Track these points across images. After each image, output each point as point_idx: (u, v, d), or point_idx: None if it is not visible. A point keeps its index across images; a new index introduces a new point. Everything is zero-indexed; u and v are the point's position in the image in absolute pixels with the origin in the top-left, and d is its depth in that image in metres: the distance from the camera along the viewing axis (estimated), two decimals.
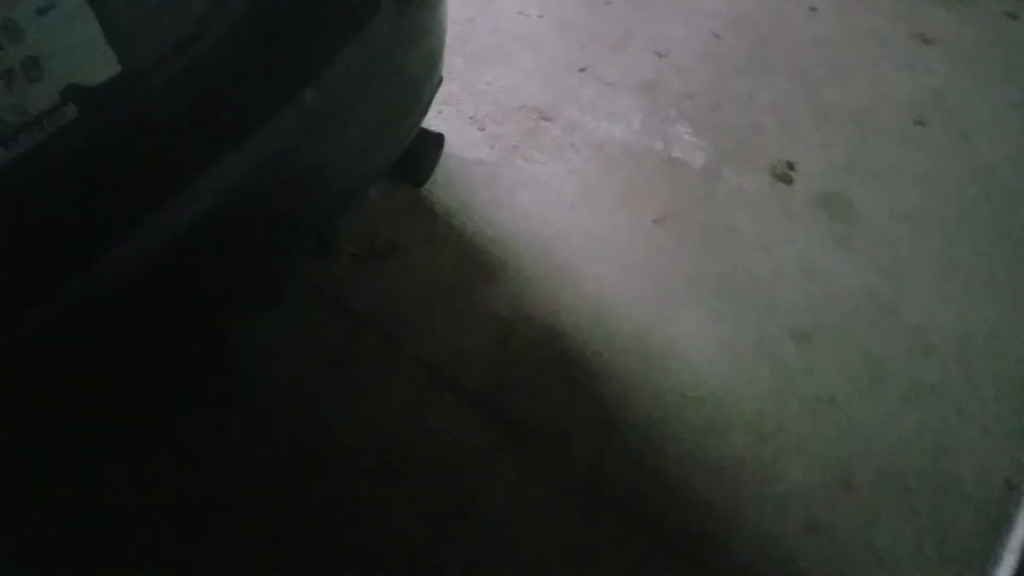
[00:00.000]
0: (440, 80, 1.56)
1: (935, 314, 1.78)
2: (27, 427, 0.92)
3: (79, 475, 1.37)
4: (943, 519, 1.48)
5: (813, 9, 2.59)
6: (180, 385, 1.46)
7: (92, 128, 0.84)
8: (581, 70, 2.29)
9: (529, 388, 1.60)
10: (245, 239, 1.14)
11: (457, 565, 1.35)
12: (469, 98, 2.18)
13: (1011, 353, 1.72)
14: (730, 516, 1.46)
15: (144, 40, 0.89)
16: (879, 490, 1.52)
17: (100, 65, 0.82)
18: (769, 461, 1.54)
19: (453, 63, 2.27)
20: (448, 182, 1.97)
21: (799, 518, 1.47)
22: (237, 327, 1.56)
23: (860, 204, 2.00)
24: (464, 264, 1.80)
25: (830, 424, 1.60)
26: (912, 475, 1.54)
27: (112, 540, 1.35)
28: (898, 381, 1.67)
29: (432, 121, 2.10)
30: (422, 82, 1.41)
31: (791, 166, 2.07)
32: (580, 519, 1.42)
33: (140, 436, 1.27)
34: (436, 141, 1.58)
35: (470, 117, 2.13)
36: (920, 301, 1.81)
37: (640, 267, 1.84)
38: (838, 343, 1.73)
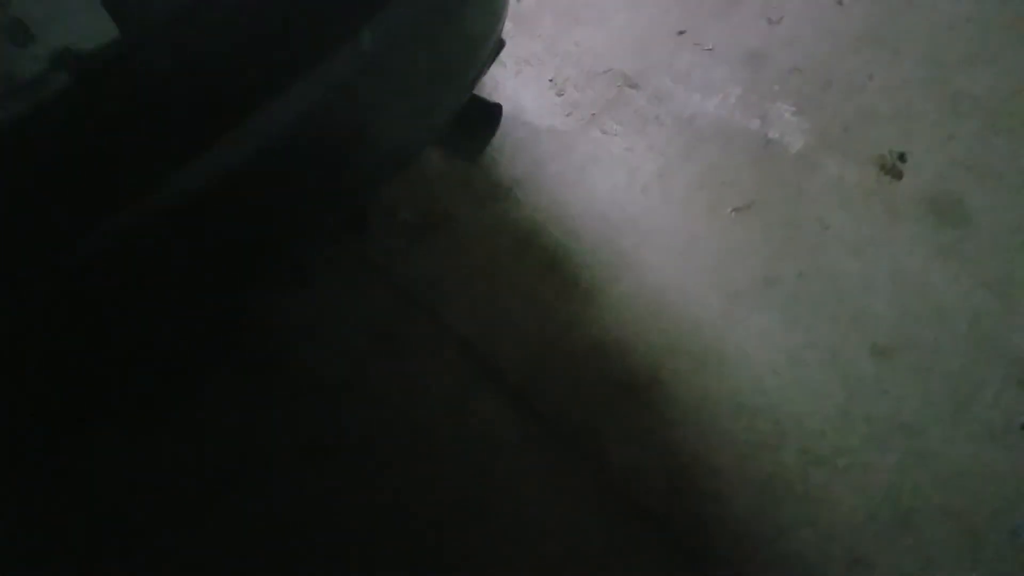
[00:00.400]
0: (501, 43, 1.46)
1: None
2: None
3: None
4: (1008, 572, 1.33)
5: None
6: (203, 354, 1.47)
7: (88, 97, 0.82)
8: (680, 33, 2.12)
9: (571, 383, 1.53)
10: (282, 202, 1.11)
11: (467, 556, 1.33)
12: (552, 59, 2.07)
13: None
14: (768, 540, 1.37)
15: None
16: (941, 533, 1.38)
17: (94, 29, 0.79)
18: (821, 485, 1.42)
19: (541, 20, 2.15)
20: (516, 151, 1.89)
21: (844, 550, 1.37)
22: (262, 304, 1.57)
23: (975, 209, 1.77)
24: (521, 244, 1.73)
25: (898, 453, 1.45)
26: (983, 521, 1.39)
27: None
28: (987, 416, 1.50)
29: (509, 82, 2.02)
30: (479, 40, 1.32)
31: (903, 158, 1.85)
32: (606, 525, 1.37)
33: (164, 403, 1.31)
34: (492, 113, 1.49)
35: (550, 80, 2.02)
36: None
37: (712, 261, 1.71)
38: (924, 365, 1.56)
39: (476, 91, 1.92)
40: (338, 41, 1.02)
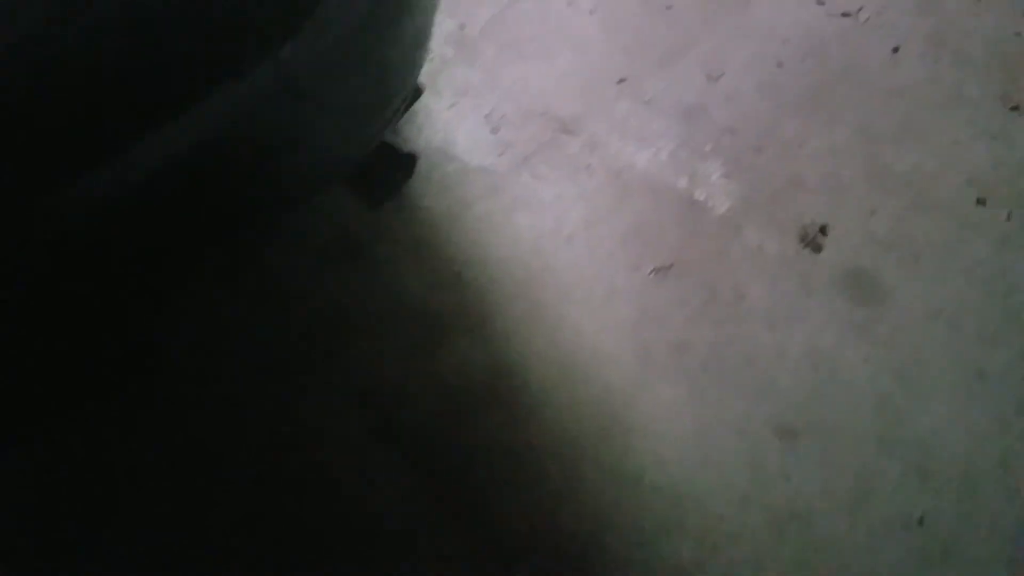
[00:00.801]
0: (418, 92, 1.39)
1: (944, 437, 1.59)
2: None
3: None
4: None
5: (896, 50, 2.31)
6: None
7: None
8: (620, 81, 2.08)
9: (465, 445, 1.47)
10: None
11: None
12: (490, 93, 2.01)
13: (1018, 498, 1.53)
14: None
15: None
16: None
17: None
18: None
19: (483, 50, 2.09)
20: (442, 187, 1.82)
21: None
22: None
23: (892, 288, 1.78)
24: (433, 285, 1.66)
25: (795, 543, 1.44)
26: None
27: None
28: (885, 505, 1.50)
29: (443, 113, 1.95)
30: (389, 88, 1.25)
31: (824, 231, 1.85)
32: None
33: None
34: (403, 163, 1.41)
35: (485, 115, 1.96)
36: (932, 417, 1.61)
37: (627, 322, 1.67)
38: (828, 448, 1.55)
39: (404, 123, 1.85)
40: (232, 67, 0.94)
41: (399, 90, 1.25)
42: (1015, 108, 2.21)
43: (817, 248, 1.83)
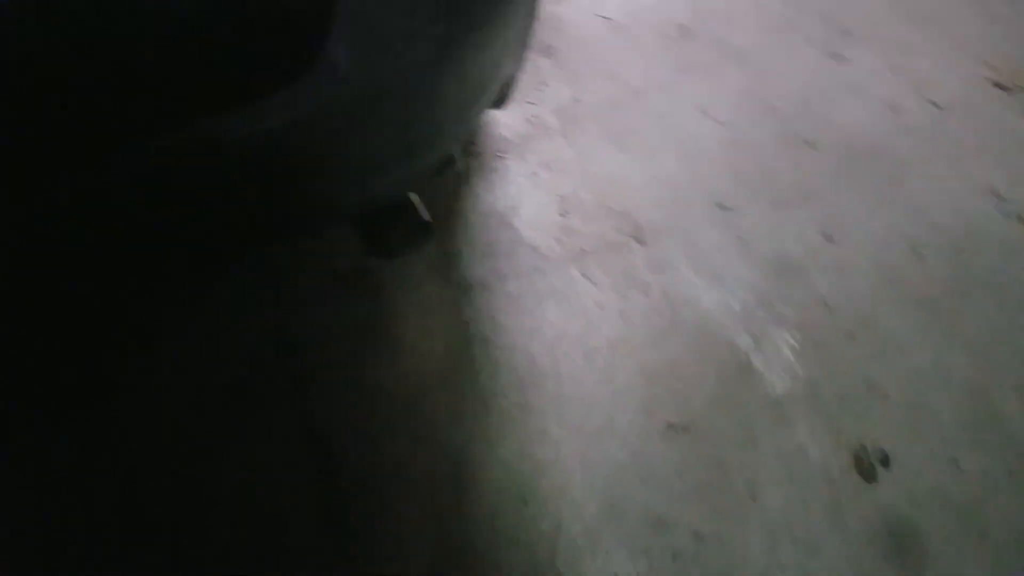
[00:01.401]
0: (451, 160, 1.26)
1: None
2: None
3: None
4: None
5: None
6: None
7: None
8: (720, 206, 1.87)
9: (396, 540, 1.30)
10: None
11: None
12: (575, 174, 1.85)
13: None
14: None
15: None
16: None
17: None
18: None
19: (586, 129, 1.94)
20: (486, 251, 1.68)
21: None
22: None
23: (935, 557, 1.44)
24: (429, 342, 1.52)
25: None
26: None
27: None
28: None
29: (520, 178, 1.81)
30: (412, 140, 1.13)
31: (885, 461, 1.54)
32: None
33: None
34: (416, 232, 1.26)
35: (560, 195, 1.80)
36: None
37: (611, 467, 1.44)
38: None
39: (480, 175, 1.74)
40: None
41: (422, 148, 1.12)
42: None
43: (869, 477, 1.51)
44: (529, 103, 1.97)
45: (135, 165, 0.84)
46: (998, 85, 2.33)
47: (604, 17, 2.12)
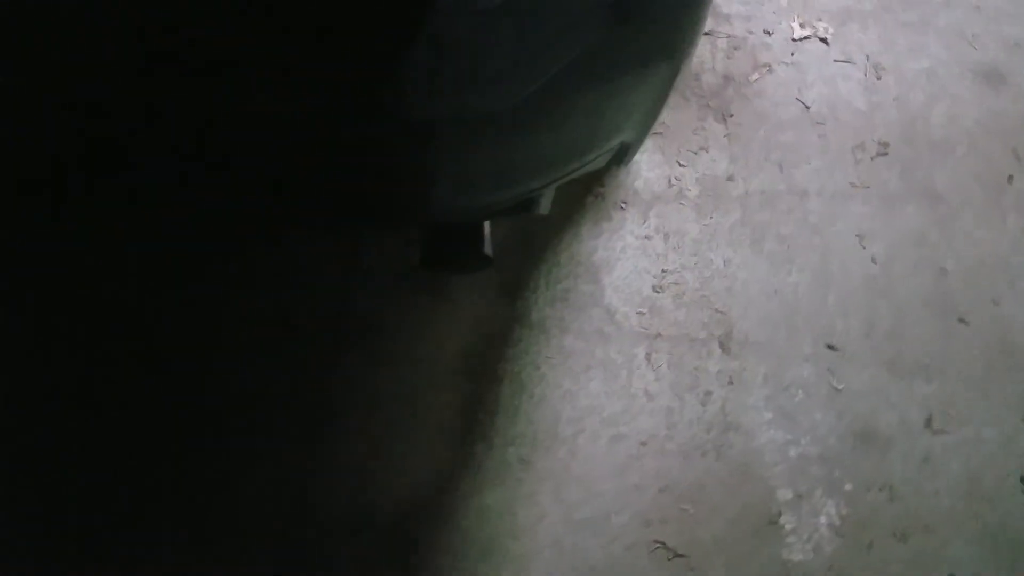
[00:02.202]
0: (532, 203, 1.22)
1: None
2: None
3: None
4: None
5: None
6: None
7: None
8: (829, 346, 1.69)
9: None
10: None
11: None
12: (692, 252, 1.73)
13: None
14: None
15: None
16: None
17: None
18: None
19: (727, 211, 1.79)
20: (559, 297, 1.64)
21: None
22: None
23: None
24: (464, 368, 1.54)
25: None
26: None
27: None
28: None
29: (629, 238, 1.73)
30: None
31: None
32: None
33: None
34: (475, 258, 1.24)
35: (663, 270, 1.71)
36: None
37: (580, 570, 1.40)
38: None
39: (591, 222, 1.70)
40: None
41: (501, 184, 1.10)
42: None
43: None
44: (680, 163, 1.87)
45: None
46: None
47: (803, 103, 1.94)
